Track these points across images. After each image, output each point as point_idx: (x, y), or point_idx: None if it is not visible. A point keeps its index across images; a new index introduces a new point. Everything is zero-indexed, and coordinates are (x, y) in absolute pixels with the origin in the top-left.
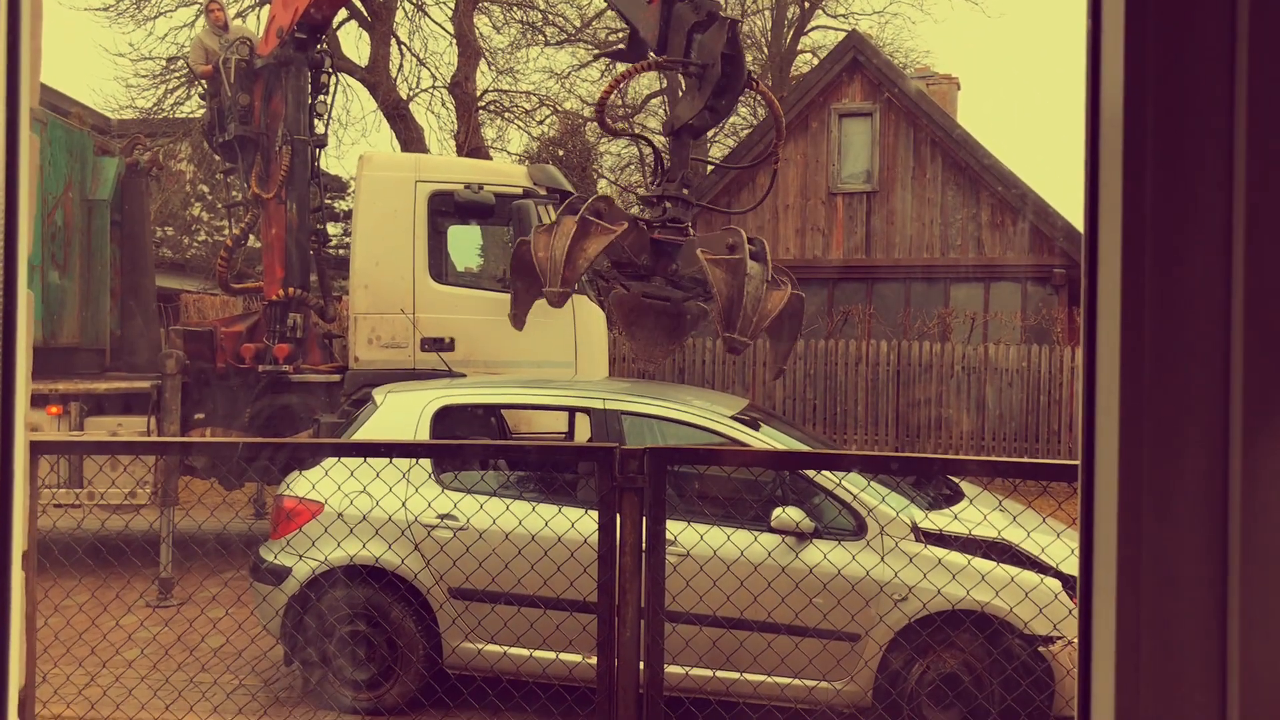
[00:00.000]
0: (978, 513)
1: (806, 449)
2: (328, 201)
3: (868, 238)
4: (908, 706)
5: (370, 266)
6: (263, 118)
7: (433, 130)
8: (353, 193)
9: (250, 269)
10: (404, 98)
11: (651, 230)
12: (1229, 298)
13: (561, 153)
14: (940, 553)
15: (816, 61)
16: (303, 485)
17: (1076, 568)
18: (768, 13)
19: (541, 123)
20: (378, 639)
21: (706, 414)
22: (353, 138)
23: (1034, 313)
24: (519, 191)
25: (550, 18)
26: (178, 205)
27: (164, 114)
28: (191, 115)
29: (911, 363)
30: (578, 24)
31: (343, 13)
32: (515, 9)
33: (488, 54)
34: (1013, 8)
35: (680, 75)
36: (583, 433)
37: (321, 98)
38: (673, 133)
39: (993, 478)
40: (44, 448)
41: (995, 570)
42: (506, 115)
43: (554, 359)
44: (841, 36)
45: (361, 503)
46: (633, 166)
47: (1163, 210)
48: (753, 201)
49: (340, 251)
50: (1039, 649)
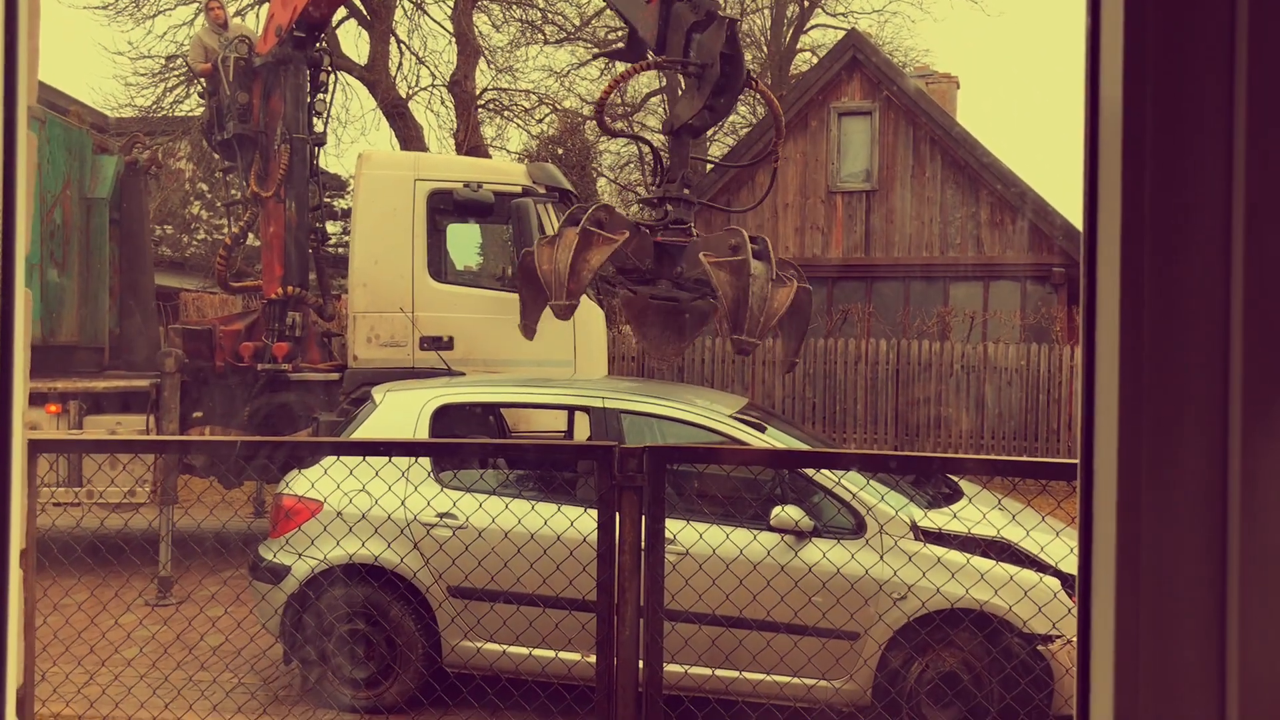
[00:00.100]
0: (977, 511)
1: (806, 448)
2: (327, 200)
3: (867, 236)
4: (907, 705)
5: (369, 265)
6: (262, 116)
7: (432, 129)
8: (352, 191)
9: (249, 267)
10: (403, 96)
11: (654, 234)
12: (1228, 296)
13: (561, 151)
14: (939, 551)
15: (816, 60)
16: (302, 484)
17: (1075, 566)
18: (767, 11)
19: (541, 121)
20: (377, 637)
21: (706, 413)
22: (352, 136)
23: (1033, 311)
24: (518, 190)
25: (549, 16)
26: (177, 203)
27: (163, 112)
28: (190, 114)
29: (911, 361)
30: (577, 22)
31: (342, 11)
32: (514, 7)
33: (487, 52)
34: (1012, 6)
35: (679, 75)
36: (582, 431)
37: (320, 96)
38: (672, 132)
39: (992, 476)
40: (43, 446)
41: (994, 569)
42: (506, 114)
43: (553, 358)
44: (841, 35)
45: (360, 501)
46: (632, 165)
47: (1162, 209)
48: (752, 199)
49: (339, 250)
50: (1038, 647)
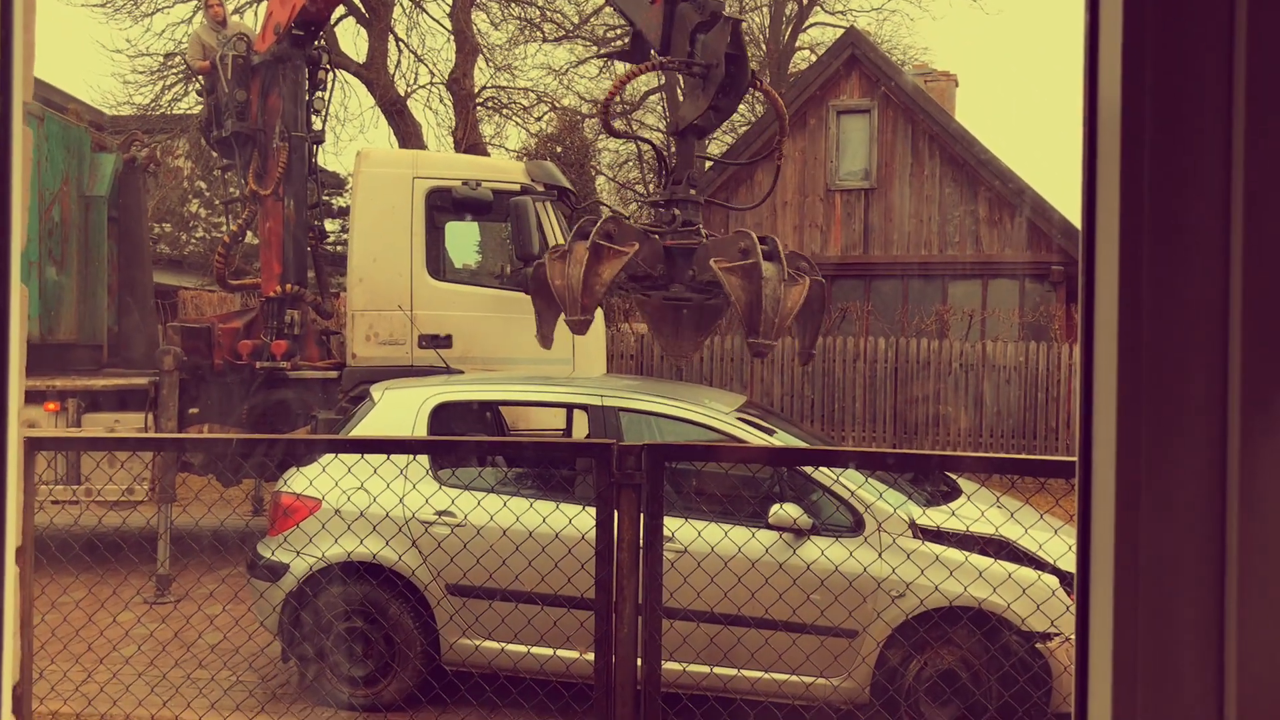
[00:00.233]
0: (975, 509)
1: (805, 446)
2: (325, 198)
3: (865, 234)
4: (905, 703)
5: (368, 263)
6: (260, 114)
7: (430, 127)
8: (350, 189)
9: (248, 265)
10: (402, 94)
11: (663, 239)
12: (1227, 294)
13: (560, 149)
14: (938, 549)
15: (815, 58)
16: (300, 481)
17: (1073, 564)
18: (766, 9)
19: (539, 119)
20: (375, 635)
21: (704, 411)
22: (350, 134)
23: (1032, 309)
24: (517, 188)
25: (548, 14)
26: (175, 201)
27: (161, 110)
28: (189, 111)
29: (909, 359)
30: (575, 20)
31: (340, 9)
32: (513, 5)
33: (485, 50)
34: (1011, 4)
35: (680, 75)
36: (580, 429)
37: (319, 94)
38: (677, 133)
39: (990, 474)
40: (41, 444)
41: (993, 567)
42: (504, 112)
43: (551, 356)
44: (840, 33)
45: (359, 499)
46: (631, 163)
47: (1160, 207)
48: (751, 197)
49: (338, 248)
50: (1036, 645)
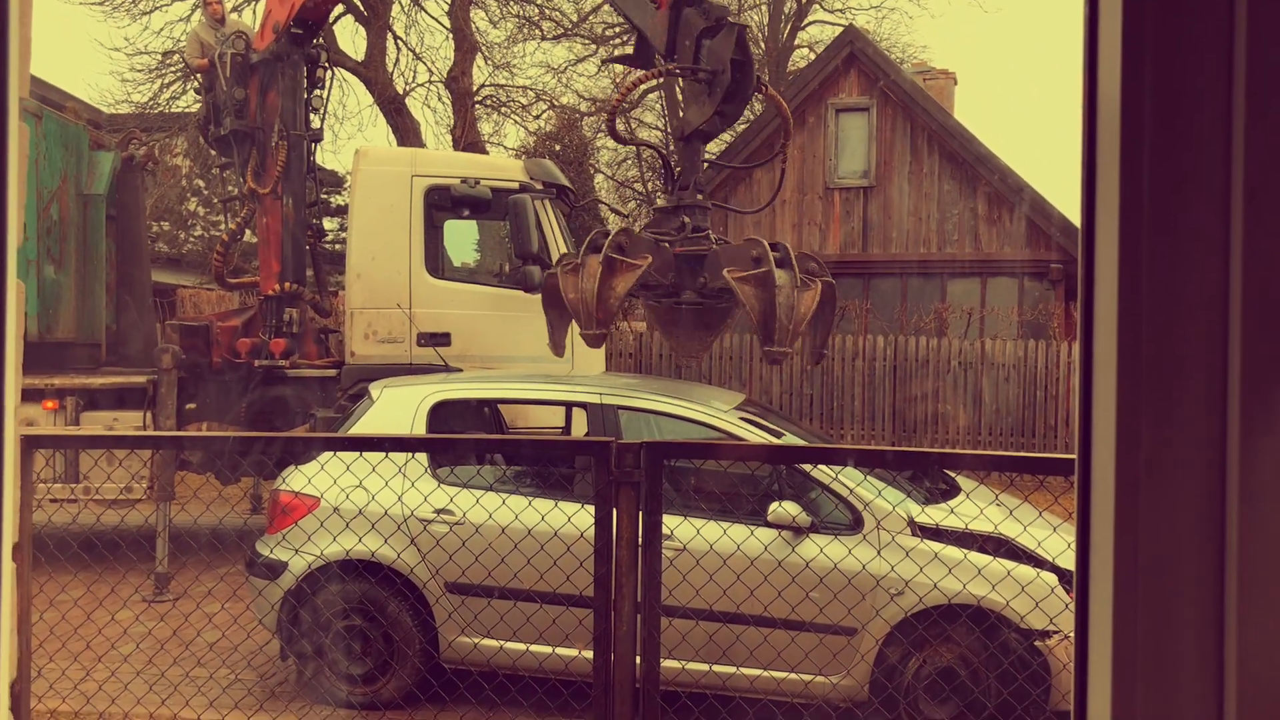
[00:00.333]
0: (974, 507)
1: (804, 443)
2: (323, 196)
3: (864, 232)
4: (904, 700)
5: (366, 261)
6: (259, 112)
7: (429, 125)
8: (349, 187)
9: (246, 264)
10: (400, 92)
11: (673, 247)
12: (1227, 292)
13: (558, 147)
14: (937, 547)
15: (813, 56)
16: (299, 480)
17: (1072, 561)
18: (765, 7)
19: (538, 117)
20: (373, 633)
21: (703, 409)
22: (349, 132)
23: (1030, 308)
24: (515, 186)
25: (546, 12)
26: (173, 200)
27: (159, 108)
28: (187, 110)
29: (908, 358)
30: (574, 18)
31: (339, 7)
32: (511, 3)
33: (484, 48)
34: (1009, 2)
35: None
36: (579, 427)
37: (317, 92)
38: (683, 138)
39: (989, 471)
40: (38, 442)
41: (992, 564)
42: (503, 110)
43: (550, 354)
44: (838, 31)
45: (358, 497)
46: (629, 161)
47: (1160, 205)
48: (749, 197)
49: (336, 246)
50: (1035, 643)
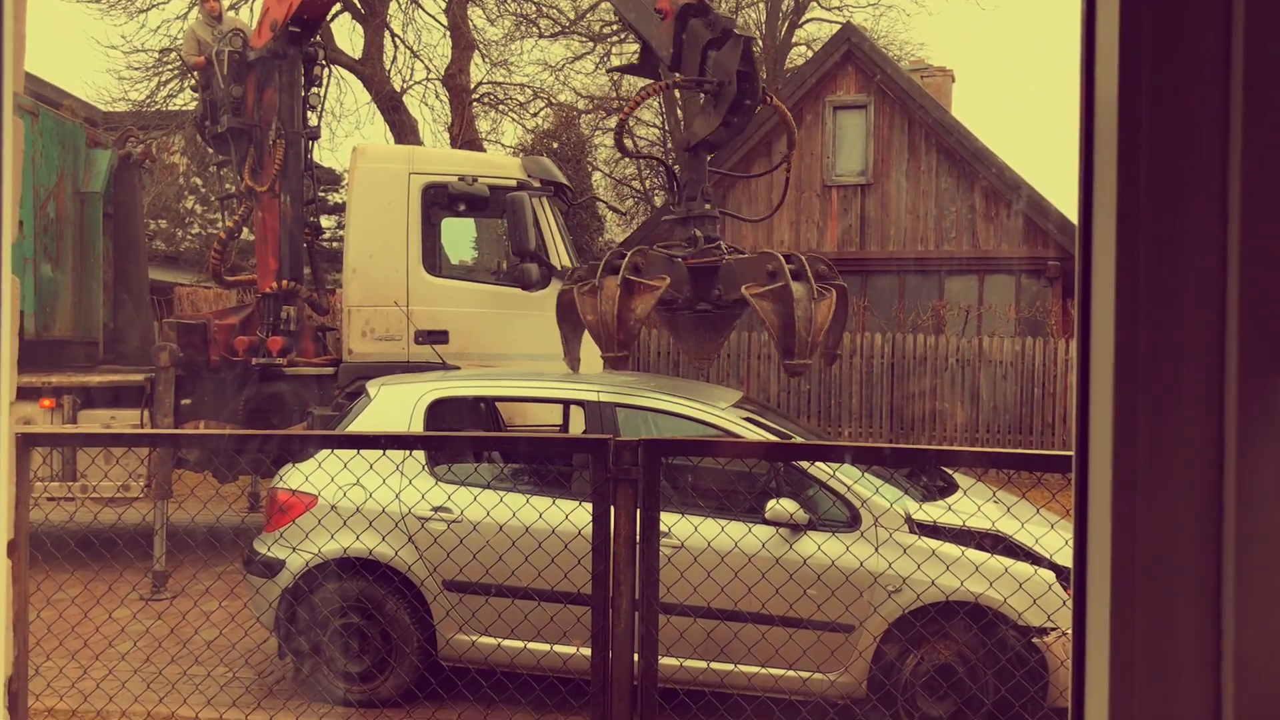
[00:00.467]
0: (972, 504)
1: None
2: (321, 194)
3: (862, 230)
4: (902, 698)
5: (364, 259)
6: (256, 110)
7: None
8: (346, 185)
9: (244, 262)
10: (398, 90)
11: (687, 260)
12: (1224, 289)
13: (556, 145)
14: (934, 544)
15: (811, 54)
16: (296, 478)
17: (1070, 558)
18: (762, 5)
19: (536, 115)
20: (372, 631)
21: (701, 406)
22: (346, 130)
23: (1028, 305)
24: (513, 184)
25: (544, 10)
26: (171, 198)
27: (157, 106)
28: (185, 108)
29: (906, 355)
30: (572, 16)
31: (336, 4)
32: (509, 1)
33: (481, 46)
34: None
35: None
36: (577, 425)
37: (315, 90)
38: (689, 149)
39: (987, 469)
40: (36, 440)
41: (989, 561)
42: (500, 108)
43: (548, 352)
44: (836, 29)
45: (355, 495)
46: (627, 160)
47: (1157, 204)
48: (747, 195)
49: (334, 244)
50: (1033, 640)
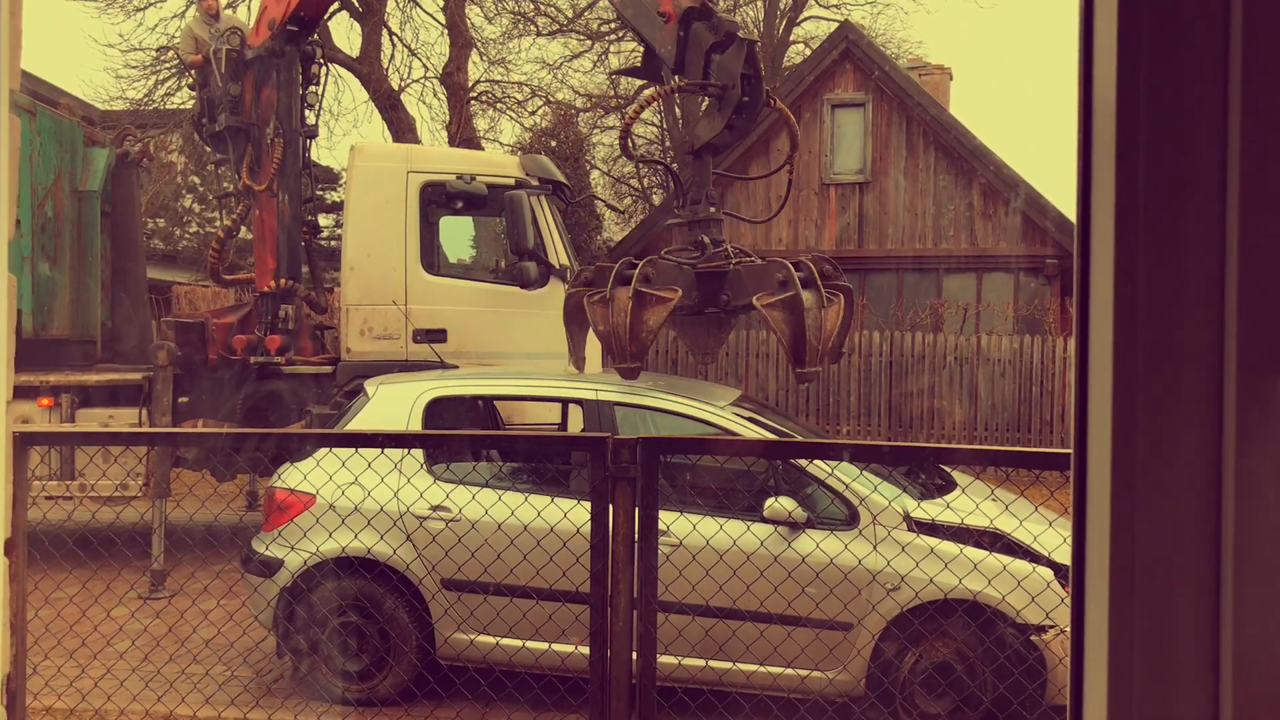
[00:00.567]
0: (970, 502)
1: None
2: (319, 192)
3: (860, 228)
4: (900, 695)
5: (362, 257)
6: (254, 108)
7: (424, 121)
8: (344, 184)
9: (242, 260)
10: (395, 88)
11: (695, 266)
12: (1222, 288)
13: (554, 143)
14: (933, 542)
15: (809, 52)
16: (294, 477)
17: (1068, 556)
18: (760, 3)
19: (534, 113)
20: (370, 630)
21: (699, 404)
22: (344, 128)
23: (1026, 303)
24: (511, 182)
25: (542, 8)
26: (169, 196)
27: (154, 105)
28: (182, 106)
29: (904, 353)
30: (569, 14)
31: (334, 3)
32: None
33: (479, 44)
34: None
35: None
36: (575, 424)
37: (312, 88)
38: (693, 152)
39: (985, 466)
40: (34, 439)
41: (988, 559)
42: (498, 106)
43: (546, 350)
44: (834, 27)
45: (353, 494)
46: (625, 158)
47: (1156, 202)
48: (744, 196)
49: (332, 243)
50: (1031, 638)
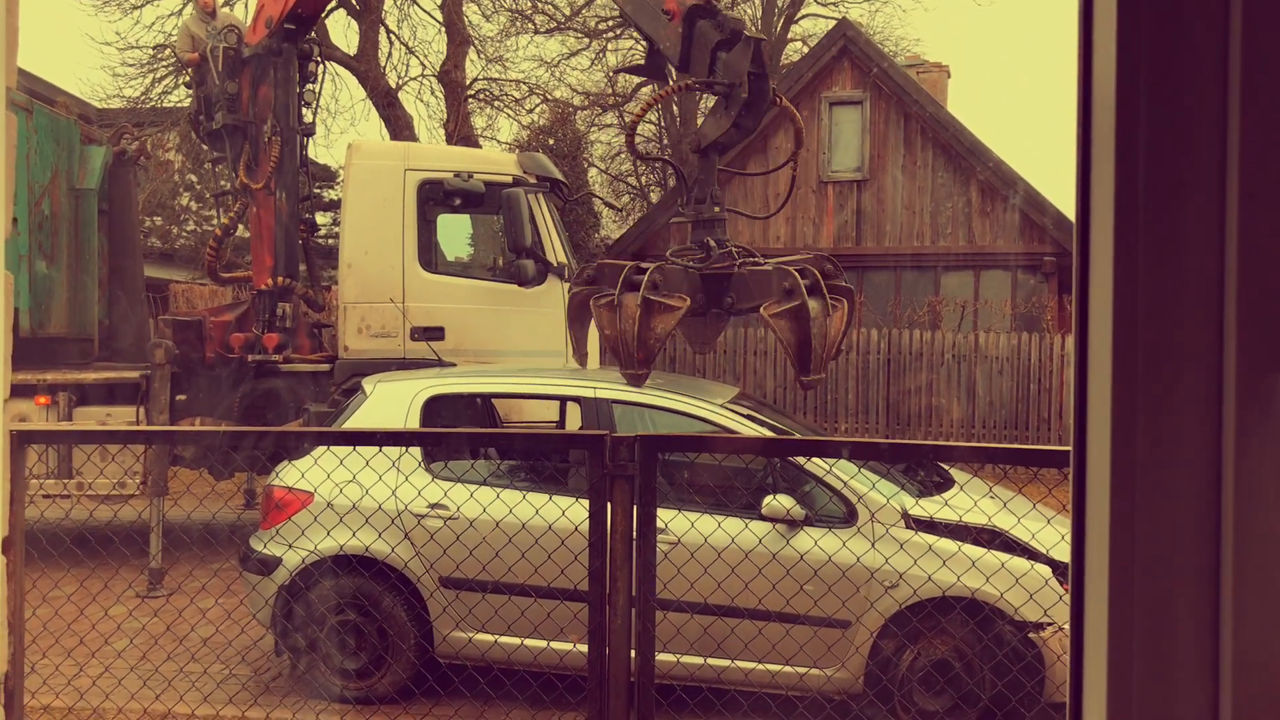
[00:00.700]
0: (968, 499)
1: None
2: (316, 190)
3: (858, 226)
4: (898, 692)
5: (359, 255)
6: (251, 106)
7: (422, 119)
8: (341, 182)
9: (239, 258)
10: (393, 86)
11: (701, 269)
12: (1222, 286)
13: (552, 141)
14: (931, 539)
15: (807, 50)
16: (292, 475)
17: (1066, 553)
18: (758, 0)
19: (531, 111)
20: (368, 628)
21: (697, 402)
22: (341, 126)
23: (1024, 300)
24: (509, 180)
25: (539, 5)
26: (166, 195)
27: (151, 103)
28: (179, 104)
29: (902, 351)
30: (567, 12)
31: (331, 1)
32: None
33: (477, 42)
34: None
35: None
36: (574, 421)
37: (309, 86)
38: (699, 151)
39: (983, 464)
40: (31, 437)
41: (986, 556)
42: (496, 104)
43: (544, 348)
44: (832, 24)
45: (351, 492)
46: (623, 156)
47: (1156, 201)
48: (742, 193)
49: (329, 241)
50: (1029, 635)
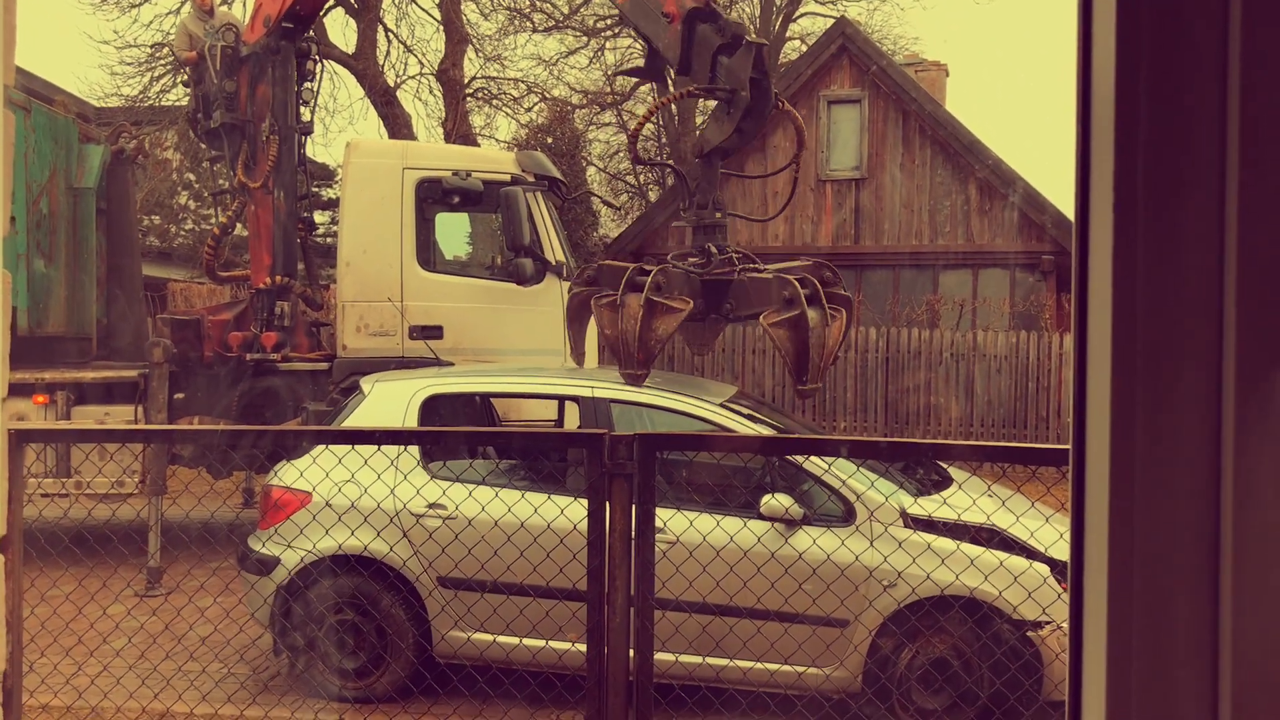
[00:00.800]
0: (966, 498)
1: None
2: (314, 189)
3: (856, 224)
4: (897, 691)
5: (358, 254)
6: (249, 105)
7: (420, 117)
8: (340, 180)
9: (237, 257)
10: (391, 85)
11: (701, 275)
12: (1221, 285)
13: (550, 140)
14: (929, 538)
15: (805, 48)
16: (290, 474)
17: (1065, 552)
18: None
19: (530, 110)
20: (367, 627)
21: (696, 401)
22: (339, 125)
23: (1022, 299)
24: (507, 178)
25: (538, 4)
26: (164, 193)
27: (149, 102)
28: (177, 103)
29: (900, 349)
30: (565, 10)
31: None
32: None
33: (475, 41)
34: None
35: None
36: (572, 420)
37: (308, 85)
38: (702, 156)
39: (981, 462)
40: (29, 436)
41: (984, 555)
42: (494, 102)
43: (543, 347)
44: (830, 23)
45: (349, 491)
46: (621, 154)
47: (1155, 200)
48: (741, 192)
49: (328, 239)
50: (1028, 633)
